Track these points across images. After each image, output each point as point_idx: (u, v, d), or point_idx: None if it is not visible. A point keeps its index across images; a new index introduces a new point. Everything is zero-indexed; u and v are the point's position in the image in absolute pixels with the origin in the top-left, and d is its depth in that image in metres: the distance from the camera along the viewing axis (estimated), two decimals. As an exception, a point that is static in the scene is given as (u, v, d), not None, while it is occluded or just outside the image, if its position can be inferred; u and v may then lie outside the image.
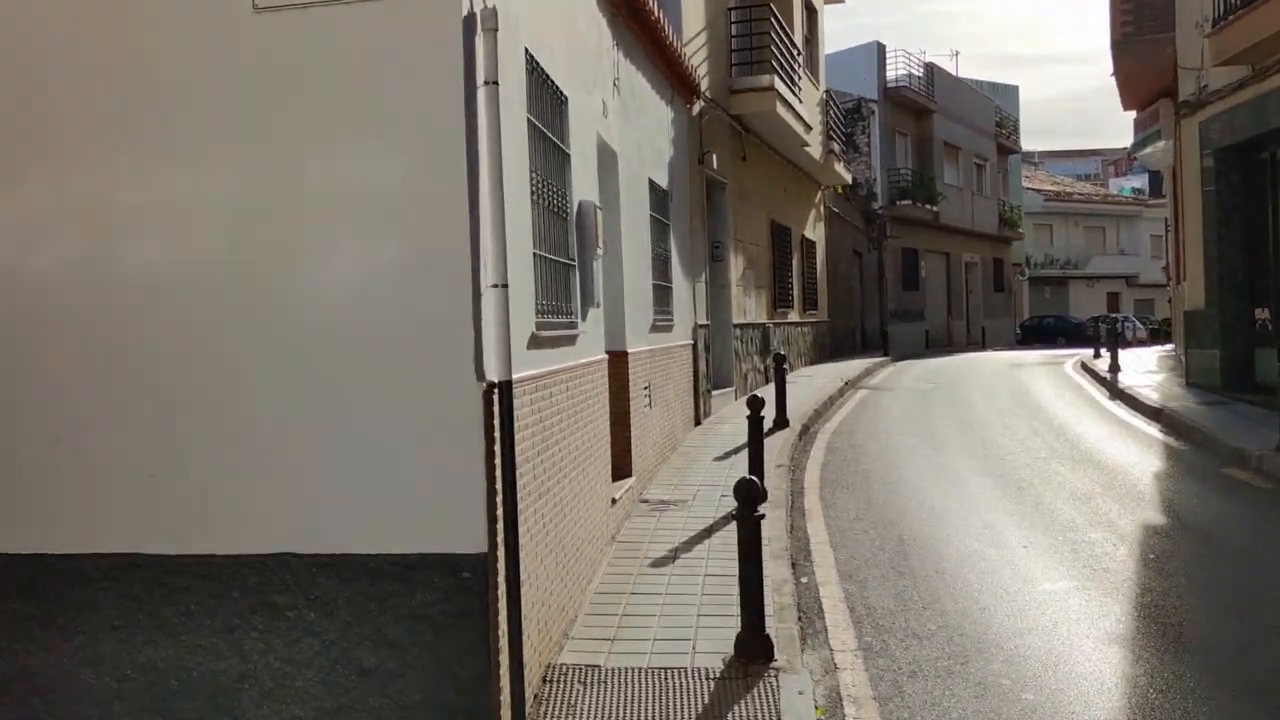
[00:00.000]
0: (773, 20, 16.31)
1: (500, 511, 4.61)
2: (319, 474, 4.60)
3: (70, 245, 4.77)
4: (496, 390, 4.62)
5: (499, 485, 4.59)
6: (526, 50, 5.72)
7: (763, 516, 5.66)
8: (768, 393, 12.66)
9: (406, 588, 4.52)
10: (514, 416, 4.73)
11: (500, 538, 4.60)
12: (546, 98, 6.29)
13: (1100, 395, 17.91)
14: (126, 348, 4.72)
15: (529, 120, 5.73)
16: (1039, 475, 10.79)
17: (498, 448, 4.61)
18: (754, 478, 5.78)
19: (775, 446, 11.85)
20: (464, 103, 4.51)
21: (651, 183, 10.75)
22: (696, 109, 13.76)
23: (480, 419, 4.51)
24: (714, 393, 14.39)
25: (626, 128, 9.55)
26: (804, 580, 7.45)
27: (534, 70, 5.92)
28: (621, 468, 8.95)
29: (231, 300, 4.65)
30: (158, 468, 4.70)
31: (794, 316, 21.04)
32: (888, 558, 7.90)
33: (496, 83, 4.66)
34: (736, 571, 7.14)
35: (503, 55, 4.84)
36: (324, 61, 4.60)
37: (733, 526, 8.48)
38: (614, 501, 8.17)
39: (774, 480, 10.09)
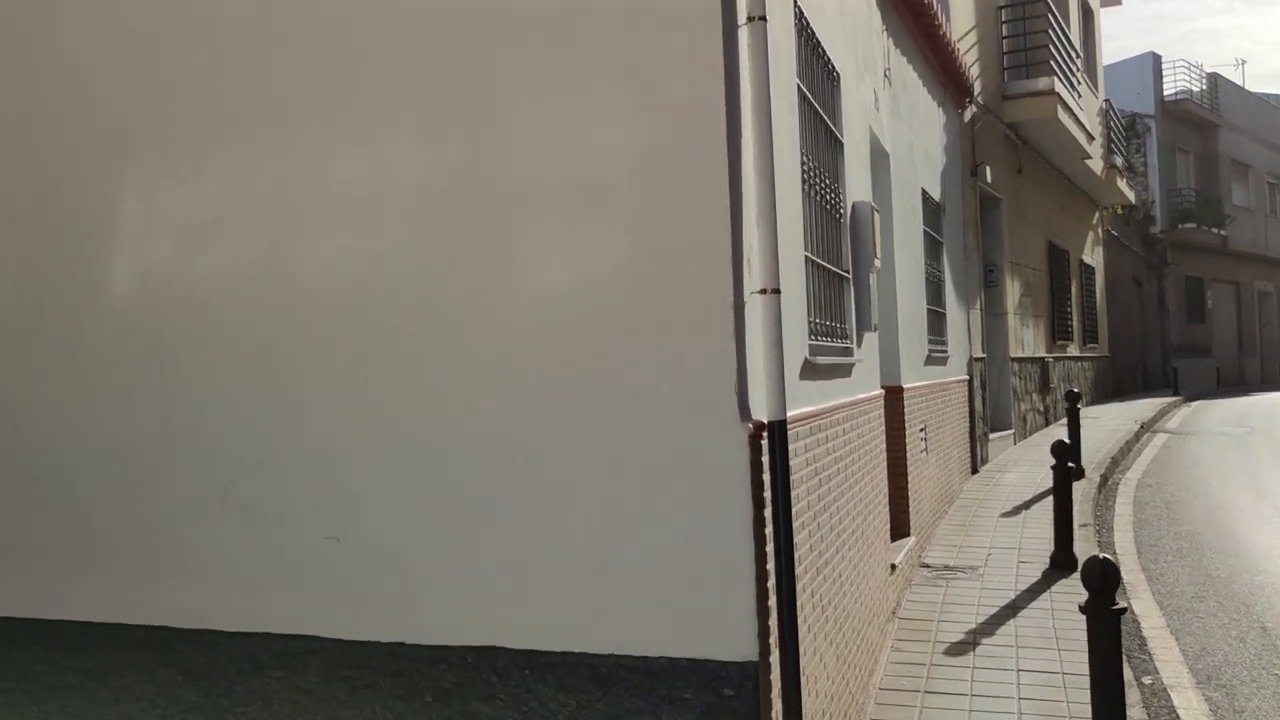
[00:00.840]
0: (1050, 18, 14.50)
1: (774, 600, 3.34)
2: (533, 543, 3.48)
3: (233, 249, 3.90)
4: (767, 433, 3.38)
5: (771, 565, 3.33)
6: (795, 2, 4.51)
7: (1124, 610, 4.13)
8: (1051, 436, 10.88)
9: (648, 704, 3.31)
10: (789, 468, 3.47)
11: (775, 638, 3.33)
12: (818, 68, 5.06)
13: None
14: (299, 372, 3.78)
15: (799, 88, 4.51)
16: None
17: (768, 513, 3.36)
18: (1109, 557, 4.26)
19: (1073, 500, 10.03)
20: (722, 42, 3.33)
21: (924, 193, 9.31)
22: (968, 115, 12.18)
23: (745, 473, 3.27)
24: (991, 436, 12.63)
25: (898, 126, 8.19)
26: (1146, 680, 5.79)
27: (804, 30, 4.70)
28: (898, 525, 7.49)
29: (422, 314, 3.64)
30: (337, 527, 3.72)
31: (1074, 350, 18.79)
32: (1253, 653, 6.10)
33: (764, 19, 3.46)
34: (1059, 668, 5.66)
35: (769, -3, 3.65)
36: (530, 4, 3.55)
37: (1043, 604, 6.96)
38: (893, 568, 6.74)
39: (1079, 543, 8.36)
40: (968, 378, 11.45)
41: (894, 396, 7.50)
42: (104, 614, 4.07)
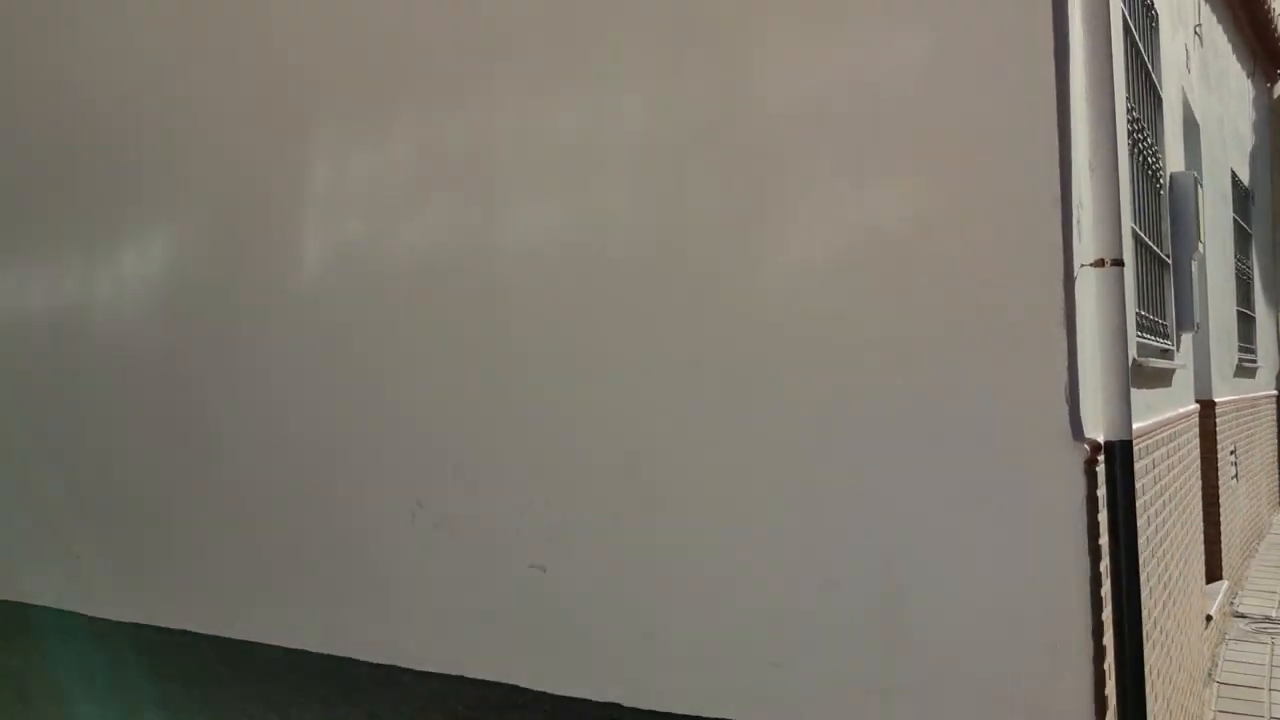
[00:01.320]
0: (1374, -22, 12.48)
1: (1112, 683, 2.44)
2: (798, 594, 2.71)
3: (430, 220, 3.32)
4: (1104, 457, 2.48)
5: (1110, 637, 2.43)
6: (1118, -91, 3.56)
7: None
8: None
9: (935, 816, 2.48)
10: (1134, 505, 2.55)
11: (1113, 734, 2.43)
12: (1139, 3, 4.07)
13: None
14: (502, 360, 3.17)
15: (1124, 17, 3.55)
16: None
17: (1105, 565, 2.46)
18: None
19: None
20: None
21: (1233, 175, 7.94)
22: (1278, 91, 10.54)
23: (1080, 511, 2.39)
24: (1301, 462, 10.86)
25: (1207, 95, 6.93)
26: None
27: (1125, -52, 3.73)
28: (1210, 566, 6.26)
29: (655, 292, 2.95)
30: (544, 554, 3.07)
31: (1391, 366, 16.29)
32: None
33: (1103, -102, 2.57)
34: None
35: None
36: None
37: None
38: (1208, 619, 5.56)
39: None
40: (1277, 393, 9.86)
41: (1205, 412, 6.28)
42: (289, 638, 3.60)
